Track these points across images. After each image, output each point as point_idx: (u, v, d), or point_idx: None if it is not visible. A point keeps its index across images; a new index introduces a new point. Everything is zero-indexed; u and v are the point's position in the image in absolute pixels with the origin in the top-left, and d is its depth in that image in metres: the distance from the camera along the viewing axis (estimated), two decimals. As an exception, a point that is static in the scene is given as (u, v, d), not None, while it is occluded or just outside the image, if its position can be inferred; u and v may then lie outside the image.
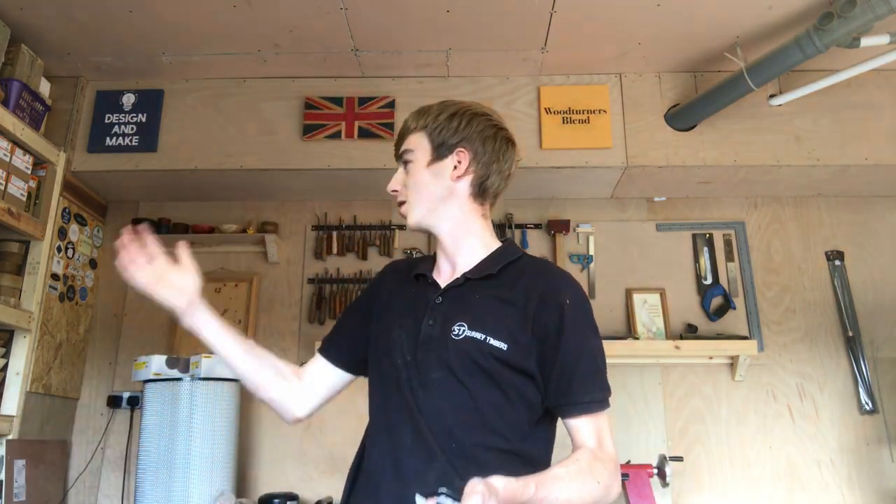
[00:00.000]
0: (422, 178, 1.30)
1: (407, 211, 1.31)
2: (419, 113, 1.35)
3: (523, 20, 2.77)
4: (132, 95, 3.16)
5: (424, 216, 1.30)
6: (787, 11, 2.68)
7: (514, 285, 1.22)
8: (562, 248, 3.28)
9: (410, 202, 1.31)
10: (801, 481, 2.98)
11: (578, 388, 1.15)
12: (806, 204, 3.36)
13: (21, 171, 2.71)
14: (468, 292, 1.24)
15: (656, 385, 3.12)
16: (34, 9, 2.67)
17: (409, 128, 1.34)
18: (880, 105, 3.07)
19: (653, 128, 3.09)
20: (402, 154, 1.34)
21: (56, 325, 2.97)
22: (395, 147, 1.37)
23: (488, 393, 1.14)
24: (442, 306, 1.23)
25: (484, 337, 1.15)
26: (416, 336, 1.21)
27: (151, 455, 2.60)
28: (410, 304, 1.28)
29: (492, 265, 1.26)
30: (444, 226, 1.30)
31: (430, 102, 1.38)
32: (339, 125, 3.11)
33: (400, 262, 1.47)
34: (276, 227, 3.29)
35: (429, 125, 1.32)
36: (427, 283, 1.29)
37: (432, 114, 1.32)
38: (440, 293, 1.25)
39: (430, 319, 1.21)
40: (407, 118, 1.37)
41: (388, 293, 1.35)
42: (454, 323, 1.18)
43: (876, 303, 3.18)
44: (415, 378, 1.17)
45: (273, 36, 2.89)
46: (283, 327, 3.22)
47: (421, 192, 1.30)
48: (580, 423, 1.15)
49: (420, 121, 1.33)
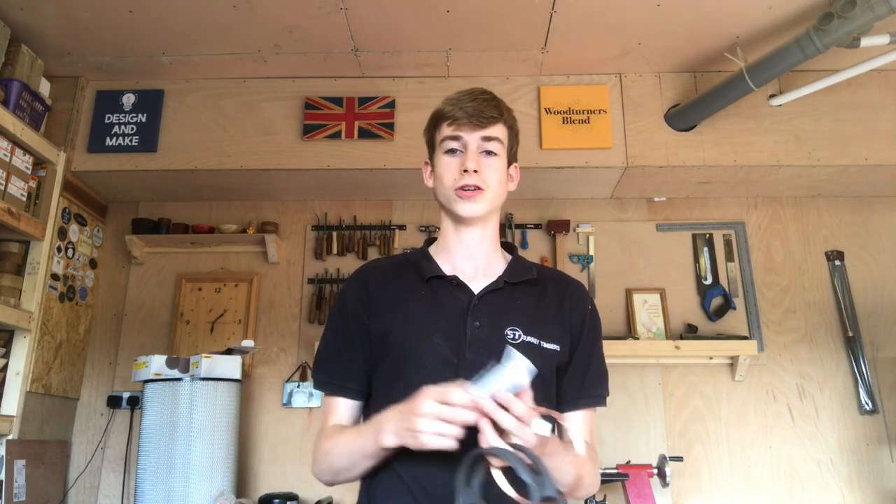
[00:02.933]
0: (503, 174, 1.27)
1: (482, 199, 1.22)
2: (501, 103, 1.27)
3: (523, 20, 2.77)
4: (132, 95, 3.16)
5: (489, 212, 1.25)
6: (787, 11, 2.68)
7: (545, 289, 1.28)
8: (562, 248, 3.28)
9: (488, 192, 1.23)
10: (801, 481, 2.98)
11: (589, 384, 1.25)
12: (806, 204, 3.36)
13: (21, 171, 2.71)
14: (508, 296, 1.24)
15: (656, 385, 3.12)
16: (34, 9, 2.67)
17: (501, 115, 1.25)
18: (880, 105, 3.07)
19: (653, 128, 3.09)
20: (490, 139, 1.23)
21: (56, 325, 2.97)
22: (472, 119, 1.22)
23: (539, 392, 1.16)
24: (482, 308, 1.20)
25: (538, 341, 1.20)
26: (458, 338, 1.17)
27: (151, 455, 2.60)
28: (435, 306, 1.21)
29: (524, 271, 1.28)
30: (492, 225, 1.29)
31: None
32: (339, 125, 3.11)
33: (378, 263, 1.36)
34: (276, 227, 3.29)
35: (513, 126, 1.29)
36: (451, 284, 1.24)
37: (510, 112, 1.28)
38: (479, 295, 1.22)
39: (475, 321, 1.18)
40: (494, 99, 1.26)
41: (384, 298, 1.25)
42: (506, 326, 1.19)
43: (876, 303, 3.18)
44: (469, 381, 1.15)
45: (273, 36, 2.89)
46: (283, 327, 3.22)
47: (499, 189, 1.26)
48: (583, 415, 1.24)
49: (506, 114, 1.27)
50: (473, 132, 1.23)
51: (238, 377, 2.76)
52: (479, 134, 1.23)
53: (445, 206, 1.27)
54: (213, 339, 3.18)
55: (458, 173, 1.22)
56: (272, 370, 3.15)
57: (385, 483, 1.16)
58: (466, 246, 1.27)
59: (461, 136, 1.23)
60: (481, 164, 1.22)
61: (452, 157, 1.24)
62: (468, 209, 1.22)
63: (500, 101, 1.27)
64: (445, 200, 1.26)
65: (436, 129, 1.28)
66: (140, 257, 3.28)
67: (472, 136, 1.23)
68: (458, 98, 1.25)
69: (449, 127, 1.24)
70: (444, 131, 1.25)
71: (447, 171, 1.24)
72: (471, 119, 1.22)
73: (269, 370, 3.16)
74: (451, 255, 1.28)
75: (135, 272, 3.32)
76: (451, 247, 1.28)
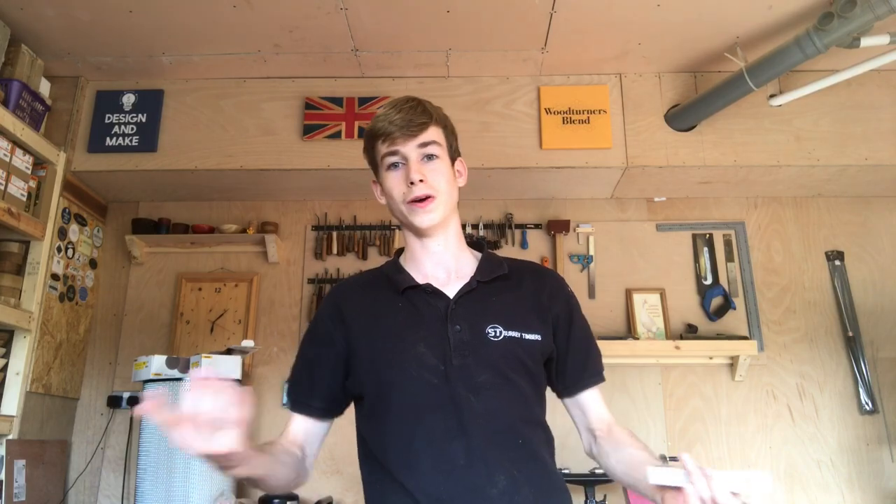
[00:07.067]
0: (450, 174, 1.26)
1: (435, 206, 1.22)
2: (428, 105, 1.27)
3: (523, 20, 2.77)
4: (132, 95, 3.16)
5: (446, 215, 1.25)
6: (787, 11, 2.68)
7: (521, 282, 1.29)
8: (562, 248, 3.28)
9: (441, 198, 1.23)
10: (801, 481, 2.98)
11: (592, 365, 1.29)
12: (806, 204, 3.36)
13: (21, 171, 2.71)
14: (484, 295, 1.24)
15: (656, 385, 3.12)
16: (34, 9, 2.67)
17: (431, 117, 1.25)
18: (880, 105, 3.07)
19: (653, 128, 3.09)
20: (427, 144, 1.23)
21: (56, 325, 2.97)
22: (403, 130, 1.22)
23: (527, 384, 1.20)
24: (460, 311, 1.21)
25: (520, 334, 1.21)
26: (443, 345, 1.17)
27: (151, 455, 2.60)
28: (414, 316, 1.22)
29: (497, 267, 1.29)
30: (453, 228, 1.30)
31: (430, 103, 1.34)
32: (339, 125, 3.11)
33: (353, 281, 1.37)
34: (276, 227, 3.29)
35: (447, 124, 1.30)
36: (426, 292, 1.23)
37: (439, 111, 1.29)
38: (455, 299, 1.22)
39: (455, 325, 1.18)
40: (420, 104, 1.25)
41: (361, 314, 1.24)
42: (486, 325, 1.19)
43: (876, 303, 3.18)
44: (460, 385, 1.14)
45: (273, 36, 2.89)
46: (283, 327, 3.22)
47: (449, 189, 1.25)
48: (594, 394, 1.28)
49: (436, 113, 1.27)
50: (408, 142, 1.22)
51: (238, 377, 2.76)
52: (414, 143, 1.23)
53: (403, 221, 1.27)
54: (213, 339, 3.18)
55: (405, 186, 1.22)
56: (272, 370, 3.15)
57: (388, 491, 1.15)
58: (433, 254, 1.27)
59: (398, 149, 1.23)
60: (425, 171, 1.22)
61: (396, 171, 1.24)
62: (425, 219, 1.22)
63: (426, 104, 1.27)
64: (401, 215, 1.26)
65: (373, 149, 1.28)
66: (140, 257, 3.28)
67: (408, 147, 1.22)
68: (386, 113, 1.24)
69: (384, 144, 1.24)
70: (381, 149, 1.25)
71: (395, 187, 1.24)
72: (402, 130, 1.22)
73: (269, 370, 3.16)
74: (421, 265, 1.28)
75: (135, 272, 3.32)
76: (419, 257, 1.29)
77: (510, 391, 1.17)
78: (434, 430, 1.12)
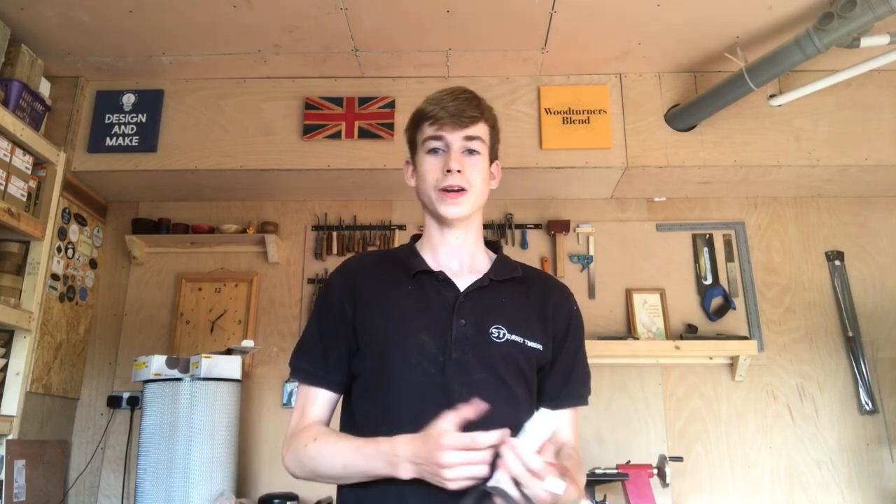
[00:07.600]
0: (486, 173, 1.27)
1: (465, 200, 1.22)
2: (482, 102, 1.27)
3: (523, 20, 2.77)
4: (132, 95, 3.16)
5: (472, 212, 1.26)
6: (787, 11, 2.68)
7: (530, 289, 1.29)
8: (562, 248, 3.28)
9: (472, 193, 1.23)
10: (801, 482, 2.98)
11: (574, 383, 1.26)
12: (806, 204, 3.36)
13: (21, 171, 2.71)
14: (494, 294, 1.24)
15: (656, 385, 3.12)
16: (34, 9, 2.67)
17: (482, 113, 1.25)
18: (880, 105, 3.07)
19: (653, 128, 3.09)
20: (472, 139, 1.23)
21: (56, 325, 2.97)
22: (454, 118, 1.22)
23: (521, 389, 1.20)
24: (468, 305, 1.20)
25: (523, 340, 1.20)
26: (444, 336, 1.17)
27: (151, 455, 2.60)
28: (422, 302, 1.21)
29: (510, 269, 1.29)
30: (475, 224, 1.31)
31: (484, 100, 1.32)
32: (339, 125, 3.11)
33: (365, 258, 1.38)
34: (276, 227, 3.29)
35: (495, 125, 1.29)
36: (437, 279, 1.23)
37: (491, 110, 1.28)
38: (465, 292, 1.22)
39: (460, 319, 1.18)
40: (476, 98, 1.26)
41: (371, 292, 1.23)
42: (490, 324, 1.19)
43: (876, 303, 3.18)
44: (456, 381, 1.14)
45: (273, 36, 2.89)
46: (283, 327, 3.22)
47: (483, 187, 1.26)
48: (567, 414, 1.25)
49: (486, 112, 1.27)
50: (456, 132, 1.22)
51: (238, 377, 2.76)
52: (461, 133, 1.23)
53: (429, 206, 1.27)
54: (213, 339, 3.18)
55: (441, 173, 1.22)
56: (272, 370, 3.15)
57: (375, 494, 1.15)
58: (451, 245, 1.28)
59: (443, 135, 1.23)
60: (464, 163, 1.22)
61: (435, 156, 1.24)
62: (452, 211, 1.22)
63: (481, 100, 1.27)
64: (429, 201, 1.25)
65: (417, 129, 1.27)
66: (140, 257, 3.28)
67: (454, 136, 1.22)
68: (440, 97, 1.24)
69: (431, 127, 1.23)
70: (427, 131, 1.24)
71: (430, 171, 1.24)
72: (453, 119, 1.22)
73: (269, 370, 3.16)
74: (436, 253, 1.28)
75: (135, 272, 3.32)
76: (436, 245, 1.29)
77: (505, 394, 1.16)
78: (425, 424, 1.11)
